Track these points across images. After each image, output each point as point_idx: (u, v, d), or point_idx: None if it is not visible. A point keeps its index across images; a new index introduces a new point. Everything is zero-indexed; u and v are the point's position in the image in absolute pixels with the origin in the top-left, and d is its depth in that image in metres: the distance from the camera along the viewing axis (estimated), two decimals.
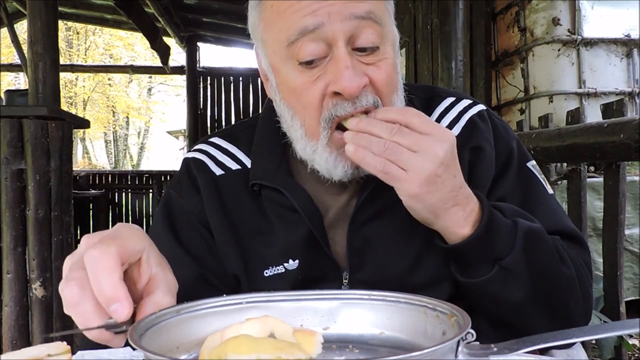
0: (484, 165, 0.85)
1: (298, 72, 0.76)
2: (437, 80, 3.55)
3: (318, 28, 0.72)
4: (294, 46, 0.74)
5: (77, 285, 0.58)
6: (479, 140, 0.85)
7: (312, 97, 0.76)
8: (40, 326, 2.75)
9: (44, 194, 2.75)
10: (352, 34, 0.73)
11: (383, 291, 0.63)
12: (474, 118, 0.88)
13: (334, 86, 0.73)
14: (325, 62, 0.74)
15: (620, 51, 3.39)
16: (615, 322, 0.59)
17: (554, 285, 0.77)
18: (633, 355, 2.82)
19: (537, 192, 0.87)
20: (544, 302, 0.76)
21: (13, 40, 5.61)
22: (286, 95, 0.80)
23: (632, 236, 2.98)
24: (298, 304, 0.64)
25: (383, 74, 0.76)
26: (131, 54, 17.70)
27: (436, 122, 0.88)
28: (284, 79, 0.79)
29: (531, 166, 0.89)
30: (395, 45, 0.81)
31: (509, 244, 0.73)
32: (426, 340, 0.56)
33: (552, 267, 0.77)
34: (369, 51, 0.75)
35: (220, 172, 0.89)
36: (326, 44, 0.73)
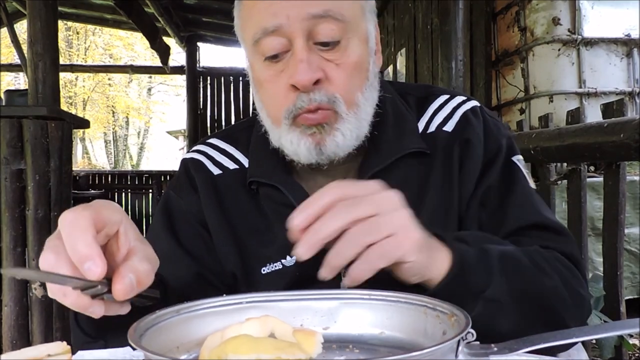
0: (472, 159, 0.85)
1: (264, 67, 0.80)
2: (437, 80, 3.55)
3: (278, 28, 0.76)
4: (259, 44, 0.79)
5: (52, 252, 0.58)
6: (469, 134, 0.86)
7: (275, 90, 0.79)
8: (40, 326, 2.75)
9: (43, 194, 2.75)
10: (310, 30, 0.76)
11: (383, 291, 0.63)
12: (467, 113, 0.88)
13: (289, 79, 0.77)
14: (287, 57, 0.78)
15: (620, 51, 3.39)
16: (616, 321, 0.59)
17: (541, 302, 0.73)
18: (633, 355, 2.82)
19: (518, 185, 0.85)
20: (535, 322, 0.71)
21: (13, 40, 5.61)
22: (257, 90, 0.85)
23: (630, 235, 2.98)
24: (298, 303, 0.64)
25: (342, 72, 0.78)
26: (131, 53, 17.71)
27: (430, 118, 0.89)
28: (255, 74, 0.83)
29: (516, 160, 0.88)
30: (369, 42, 0.83)
31: (486, 274, 0.69)
32: (426, 340, 0.56)
33: (534, 284, 0.72)
34: (330, 46, 0.77)
35: (218, 172, 0.90)
36: (288, 39, 0.77)
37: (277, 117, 0.81)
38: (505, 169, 0.86)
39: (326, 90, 0.77)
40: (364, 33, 0.83)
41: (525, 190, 0.86)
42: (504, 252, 0.72)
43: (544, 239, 0.81)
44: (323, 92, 0.77)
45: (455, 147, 0.85)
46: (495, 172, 0.85)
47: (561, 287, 0.74)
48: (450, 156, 0.85)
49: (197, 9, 6.75)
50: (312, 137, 0.79)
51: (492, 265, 0.69)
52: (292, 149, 0.80)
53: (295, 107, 0.77)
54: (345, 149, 0.81)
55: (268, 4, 0.77)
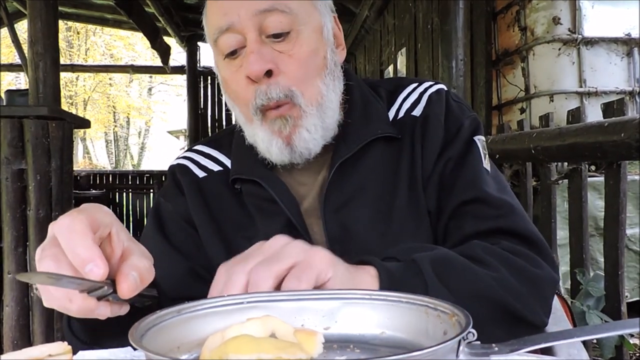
0: (432, 138, 0.87)
1: (225, 65, 0.84)
2: (437, 79, 3.55)
3: (231, 26, 0.80)
4: (217, 43, 0.83)
5: (52, 259, 0.58)
6: (429, 112, 0.88)
7: (237, 85, 0.83)
8: (41, 326, 2.75)
9: (44, 194, 2.75)
10: (260, 25, 0.80)
11: (384, 291, 0.63)
12: (431, 95, 0.91)
13: (243, 71, 0.80)
14: (244, 53, 0.81)
15: (620, 50, 3.39)
16: (616, 321, 0.59)
17: (486, 296, 0.71)
18: (634, 355, 2.82)
19: (471, 162, 0.86)
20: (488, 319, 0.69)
21: (13, 40, 5.61)
22: (224, 89, 0.88)
23: (635, 236, 2.97)
24: (299, 303, 0.64)
25: (294, 63, 0.81)
26: (131, 53, 17.72)
27: (400, 106, 0.91)
28: (220, 74, 0.87)
29: (477, 139, 0.88)
30: (323, 33, 0.86)
31: (420, 281, 0.68)
32: (427, 340, 0.56)
33: (476, 282, 0.71)
34: (281, 38, 0.80)
35: (203, 175, 0.94)
36: (242, 35, 0.81)
37: (247, 114, 0.84)
38: (465, 146, 0.87)
39: (282, 86, 0.80)
40: (317, 24, 0.85)
41: (477, 167, 0.86)
42: (434, 258, 0.71)
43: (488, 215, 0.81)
44: (279, 87, 0.80)
45: (418, 127, 0.88)
46: (455, 150, 0.86)
47: (506, 278, 0.72)
48: (415, 137, 0.87)
49: (197, 8, 6.74)
50: (280, 134, 0.82)
51: (423, 272, 0.69)
52: (264, 148, 0.84)
53: (256, 103, 0.81)
54: (316, 143, 0.83)
55: (220, 5, 0.82)
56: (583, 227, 2.19)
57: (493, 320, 0.70)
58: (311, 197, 0.89)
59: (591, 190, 2.64)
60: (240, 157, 0.91)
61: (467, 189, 0.83)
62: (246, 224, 0.88)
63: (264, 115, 0.82)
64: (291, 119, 0.82)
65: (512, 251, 0.76)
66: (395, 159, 0.87)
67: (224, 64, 0.84)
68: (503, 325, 0.72)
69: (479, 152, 0.87)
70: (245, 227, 0.88)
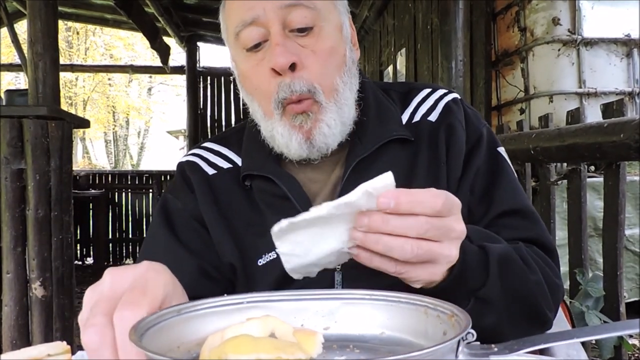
0: (457, 143, 0.89)
1: (246, 58, 0.85)
2: (437, 80, 3.55)
3: (255, 19, 0.82)
4: (239, 37, 0.84)
5: (97, 334, 0.55)
6: (452, 120, 0.91)
7: (259, 78, 0.84)
8: (40, 326, 2.75)
9: (43, 193, 2.75)
10: (284, 19, 0.81)
11: (384, 291, 0.63)
12: (449, 103, 0.93)
13: (268, 63, 0.81)
14: (266, 46, 0.83)
15: (620, 51, 3.39)
16: (616, 322, 0.59)
17: (526, 299, 0.76)
18: (633, 355, 2.82)
19: (504, 173, 0.90)
20: (517, 316, 0.75)
21: (13, 40, 5.60)
22: (244, 83, 0.88)
23: (633, 236, 2.98)
24: (299, 304, 0.64)
25: (317, 59, 0.82)
26: (131, 53, 17.70)
27: (414, 110, 0.94)
28: (240, 68, 0.88)
29: (501, 151, 0.93)
30: (342, 31, 0.88)
31: (483, 276, 0.71)
32: (427, 341, 0.56)
33: (523, 284, 0.75)
34: (305, 32, 0.82)
35: (213, 172, 0.94)
36: (265, 29, 0.82)
37: (268, 109, 0.84)
38: (491, 158, 0.90)
39: (305, 80, 0.81)
40: (338, 22, 0.87)
41: (510, 177, 0.90)
42: (501, 254, 0.73)
43: (522, 227, 0.85)
44: (303, 81, 0.81)
45: (441, 133, 0.90)
46: (480, 158, 0.89)
47: (542, 282, 0.78)
48: (436, 142, 0.89)
49: (197, 9, 6.75)
50: (300, 129, 0.83)
51: (490, 268, 0.71)
52: (283, 142, 0.84)
53: (279, 97, 0.81)
54: (334, 138, 0.85)
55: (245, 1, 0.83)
56: (582, 227, 2.19)
57: (518, 318, 0.75)
58: (324, 194, 0.89)
59: (590, 190, 2.64)
60: (252, 154, 0.92)
61: (505, 201, 0.87)
62: (256, 221, 0.88)
63: (284, 109, 0.82)
64: (312, 114, 0.83)
65: (542, 259, 0.82)
66: (409, 162, 0.88)
67: (244, 58, 0.85)
68: (522, 326, 0.76)
69: (508, 163, 0.92)
70: (255, 224, 0.87)
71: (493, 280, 0.71)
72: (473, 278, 0.70)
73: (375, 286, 0.72)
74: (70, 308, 2.92)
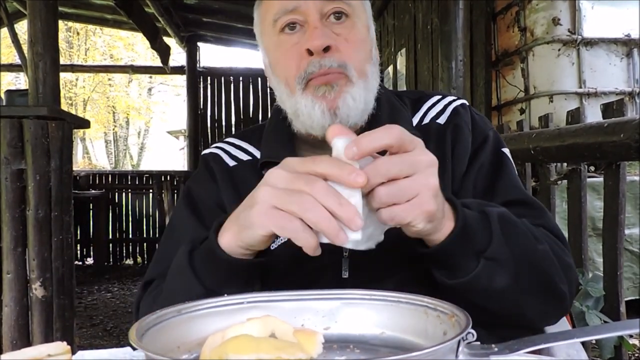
0: (462, 143, 0.94)
1: (280, 42, 0.91)
2: (437, 80, 3.55)
3: (296, 8, 0.88)
4: (278, 22, 0.90)
5: None
6: (459, 121, 0.96)
7: (290, 59, 0.89)
8: (40, 326, 2.75)
9: (44, 194, 2.75)
10: (322, 8, 0.88)
11: (384, 291, 0.63)
12: (457, 108, 0.99)
13: (305, 44, 0.86)
14: (302, 31, 0.89)
15: (620, 51, 3.39)
16: (616, 322, 0.59)
17: (535, 263, 0.77)
18: (633, 355, 2.82)
19: (507, 169, 0.94)
20: (530, 283, 0.76)
21: (13, 40, 5.60)
22: (275, 66, 0.94)
23: (632, 236, 2.98)
24: (299, 304, 0.64)
25: (350, 46, 0.88)
26: (131, 54, 17.69)
27: (424, 114, 0.99)
28: (273, 52, 0.93)
29: (505, 151, 0.97)
30: (370, 31, 0.95)
31: (487, 234, 0.73)
32: (427, 341, 0.56)
33: (529, 247, 0.77)
34: (341, 20, 0.89)
35: (233, 163, 1.00)
36: (304, 17, 0.88)
37: (292, 85, 0.89)
38: (495, 156, 0.95)
39: (337, 58, 0.86)
40: (367, 22, 0.94)
41: (512, 174, 0.94)
42: (502, 214, 0.76)
43: (529, 215, 0.86)
44: (334, 59, 0.86)
45: (448, 133, 0.94)
46: (485, 156, 0.94)
47: (550, 253, 0.80)
48: (443, 141, 0.94)
49: (197, 9, 6.74)
50: (324, 99, 0.86)
51: (492, 226, 0.73)
52: (307, 113, 0.87)
53: (306, 72, 0.86)
54: (357, 113, 0.88)
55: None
56: (582, 227, 2.19)
57: (531, 288, 0.77)
58: None
59: (590, 190, 2.64)
60: (270, 144, 0.98)
61: (510, 191, 0.90)
62: None
63: (306, 84, 0.87)
64: (337, 86, 0.86)
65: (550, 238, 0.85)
66: None
67: (279, 41, 0.91)
68: (536, 296, 0.78)
69: (511, 162, 0.96)
70: None
71: (497, 238, 0.73)
72: (476, 238, 0.72)
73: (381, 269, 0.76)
74: (70, 308, 2.92)
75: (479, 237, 0.72)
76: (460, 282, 0.73)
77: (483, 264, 0.72)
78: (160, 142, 23.40)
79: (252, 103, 8.16)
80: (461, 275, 0.73)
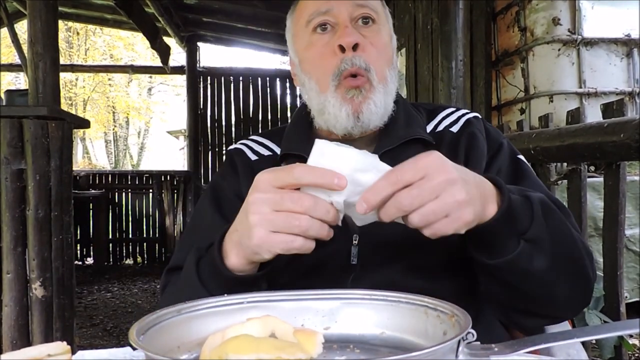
0: (477, 149, 0.98)
1: (314, 39, 1.00)
2: (437, 80, 3.55)
3: (329, 10, 0.98)
4: (312, 23, 0.99)
5: None
6: (473, 130, 1.01)
7: (323, 55, 0.98)
8: (40, 326, 2.75)
9: (44, 194, 2.75)
10: (352, 12, 0.98)
11: (384, 291, 0.63)
12: (470, 119, 1.05)
13: (337, 41, 0.95)
14: (333, 32, 0.98)
15: (620, 51, 3.39)
16: (616, 322, 0.59)
17: (570, 249, 0.81)
18: (633, 355, 2.82)
19: (527, 173, 0.98)
20: (565, 267, 0.80)
21: (13, 40, 5.60)
22: (305, 65, 1.02)
23: (634, 236, 2.97)
24: (299, 303, 0.64)
25: (374, 49, 0.98)
26: (131, 54, 17.68)
27: (439, 122, 1.05)
28: (305, 51, 1.02)
29: (521, 157, 1.02)
30: (392, 40, 1.05)
31: (529, 216, 0.76)
32: (427, 341, 0.56)
33: (565, 232, 0.81)
34: (368, 24, 0.99)
35: (255, 158, 1.08)
36: (335, 19, 0.98)
37: (325, 82, 0.97)
38: (513, 162, 1.00)
39: (364, 59, 0.95)
40: (388, 32, 1.04)
41: (533, 176, 0.99)
42: (542, 199, 0.80)
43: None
44: (362, 59, 0.95)
45: (462, 141, 1.00)
46: (502, 162, 0.98)
47: (580, 240, 0.84)
48: (456, 148, 0.99)
49: (197, 9, 6.74)
50: (351, 102, 0.95)
51: (534, 209, 0.77)
52: (333, 113, 0.96)
53: (339, 69, 0.95)
54: (377, 117, 0.97)
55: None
56: (582, 227, 2.19)
57: (566, 271, 0.81)
58: None
59: (590, 190, 2.64)
60: (291, 138, 1.06)
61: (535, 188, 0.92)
62: None
63: (339, 83, 0.95)
64: (364, 90, 0.95)
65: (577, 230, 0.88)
66: None
67: (311, 41, 1.00)
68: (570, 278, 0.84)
69: (529, 166, 1.01)
70: None
71: (538, 220, 0.76)
72: (519, 218, 0.76)
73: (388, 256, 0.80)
74: (70, 308, 2.92)
75: (522, 219, 0.76)
76: (500, 261, 0.76)
77: (523, 245, 0.75)
78: (160, 142, 23.40)
79: (252, 103, 8.16)
80: (502, 255, 0.76)
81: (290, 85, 8.09)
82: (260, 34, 7.20)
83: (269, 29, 6.91)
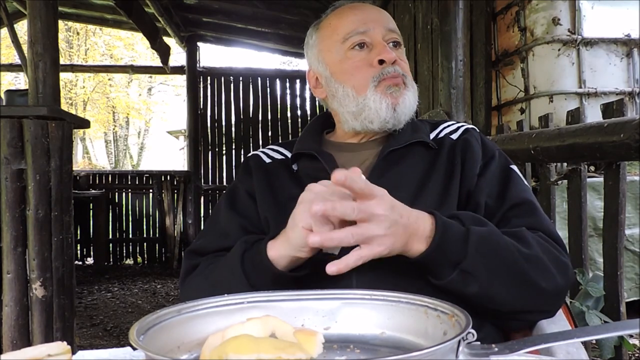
0: (472, 158, 1.07)
1: (351, 54, 1.12)
2: (437, 80, 3.55)
3: (366, 31, 1.12)
4: (349, 40, 1.12)
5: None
6: (469, 138, 1.12)
7: (361, 67, 1.10)
8: (40, 326, 2.75)
9: (44, 194, 2.75)
10: (385, 35, 1.13)
11: (384, 291, 0.63)
12: (469, 129, 1.16)
13: (379, 56, 1.09)
14: (369, 50, 1.12)
15: (620, 51, 3.39)
16: (616, 322, 0.59)
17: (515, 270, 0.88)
18: (633, 355, 2.82)
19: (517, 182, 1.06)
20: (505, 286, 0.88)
21: (13, 40, 5.60)
22: (340, 75, 1.13)
23: (633, 236, 2.97)
24: (299, 303, 0.64)
25: (403, 65, 1.14)
26: (131, 54, 17.67)
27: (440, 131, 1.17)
28: (340, 64, 1.13)
29: (513, 167, 1.10)
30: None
31: (464, 249, 0.85)
32: (427, 341, 0.56)
33: (510, 258, 0.88)
34: (397, 46, 1.15)
35: (269, 161, 1.20)
36: (371, 40, 1.12)
37: (364, 85, 1.09)
38: (504, 171, 1.09)
39: (401, 68, 1.11)
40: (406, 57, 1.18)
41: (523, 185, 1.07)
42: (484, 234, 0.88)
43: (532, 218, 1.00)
44: (400, 68, 1.11)
45: (458, 146, 1.10)
46: (495, 168, 1.08)
47: (538, 256, 0.90)
48: (454, 153, 1.09)
49: (197, 9, 6.74)
50: (391, 97, 1.08)
51: (469, 244, 0.85)
52: (375, 108, 1.08)
53: (381, 73, 1.09)
54: (407, 114, 1.11)
55: (362, 17, 1.13)
56: (582, 227, 2.19)
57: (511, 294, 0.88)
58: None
59: (590, 190, 2.64)
60: (303, 140, 1.19)
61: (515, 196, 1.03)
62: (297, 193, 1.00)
63: (378, 83, 1.08)
64: (401, 88, 1.10)
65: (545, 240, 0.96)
66: (431, 163, 1.09)
67: (347, 56, 1.12)
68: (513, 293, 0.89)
69: (519, 175, 1.10)
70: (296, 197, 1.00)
71: (471, 254, 0.85)
72: (452, 251, 0.85)
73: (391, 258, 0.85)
74: (70, 308, 2.92)
75: (455, 251, 0.85)
76: (439, 283, 0.88)
77: (457, 273, 0.86)
78: (160, 142, 23.39)
79: (252, 103, 8.15)
80: (439, 279, 0.88)
81: (290, 85, 8.09)
82: (260, 34, 7.20)
83: (269, 29, 6.91)
